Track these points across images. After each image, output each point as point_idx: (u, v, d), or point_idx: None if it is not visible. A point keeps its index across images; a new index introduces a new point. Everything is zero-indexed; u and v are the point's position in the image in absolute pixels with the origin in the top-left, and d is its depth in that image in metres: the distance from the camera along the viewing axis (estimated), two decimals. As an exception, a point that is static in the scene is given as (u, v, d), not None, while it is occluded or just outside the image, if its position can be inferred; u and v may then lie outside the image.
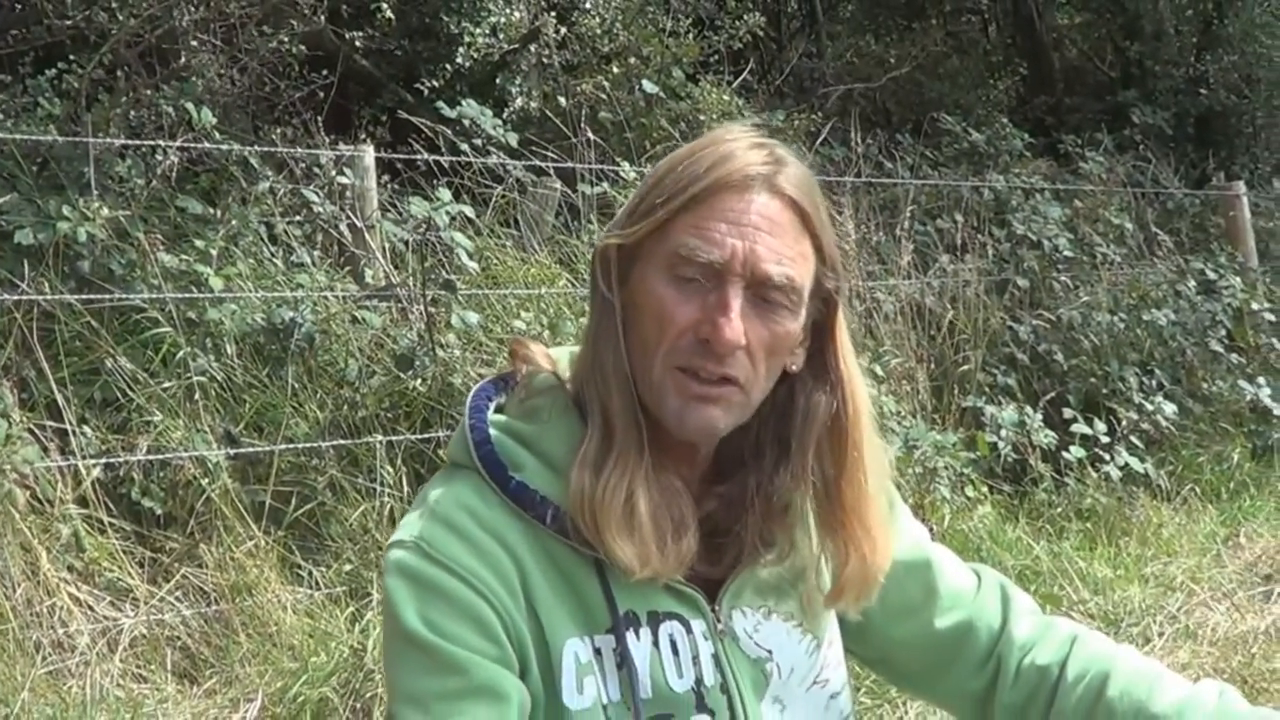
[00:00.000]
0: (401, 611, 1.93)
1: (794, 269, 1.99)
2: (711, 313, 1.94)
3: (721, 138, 2.08)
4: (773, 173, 2.03)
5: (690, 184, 2.01)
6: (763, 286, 1.97)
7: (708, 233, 1.97)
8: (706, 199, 1.99)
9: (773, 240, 1.98)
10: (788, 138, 10.51)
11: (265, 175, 7.52)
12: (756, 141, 2.08)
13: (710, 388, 1.95)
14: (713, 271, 1.96)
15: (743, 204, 1.99)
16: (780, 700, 2.13)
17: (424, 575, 1.94)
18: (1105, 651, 2.21)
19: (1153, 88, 16.00)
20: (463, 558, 1.95)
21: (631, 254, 2.05)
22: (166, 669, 5.58)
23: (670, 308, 1.97)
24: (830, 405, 2.10)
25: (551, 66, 10.68)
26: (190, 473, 6.12)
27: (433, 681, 1.89)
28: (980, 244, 9.63)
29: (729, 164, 2.01)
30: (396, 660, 1.95)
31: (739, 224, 1.97)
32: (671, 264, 1.98)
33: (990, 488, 7.77)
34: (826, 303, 2.10)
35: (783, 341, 2.01)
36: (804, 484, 2.10)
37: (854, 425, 2.10)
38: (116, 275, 6.60)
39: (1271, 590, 6.80)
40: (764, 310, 1.98)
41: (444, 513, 2.00)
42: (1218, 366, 9.67)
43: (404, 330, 6.97)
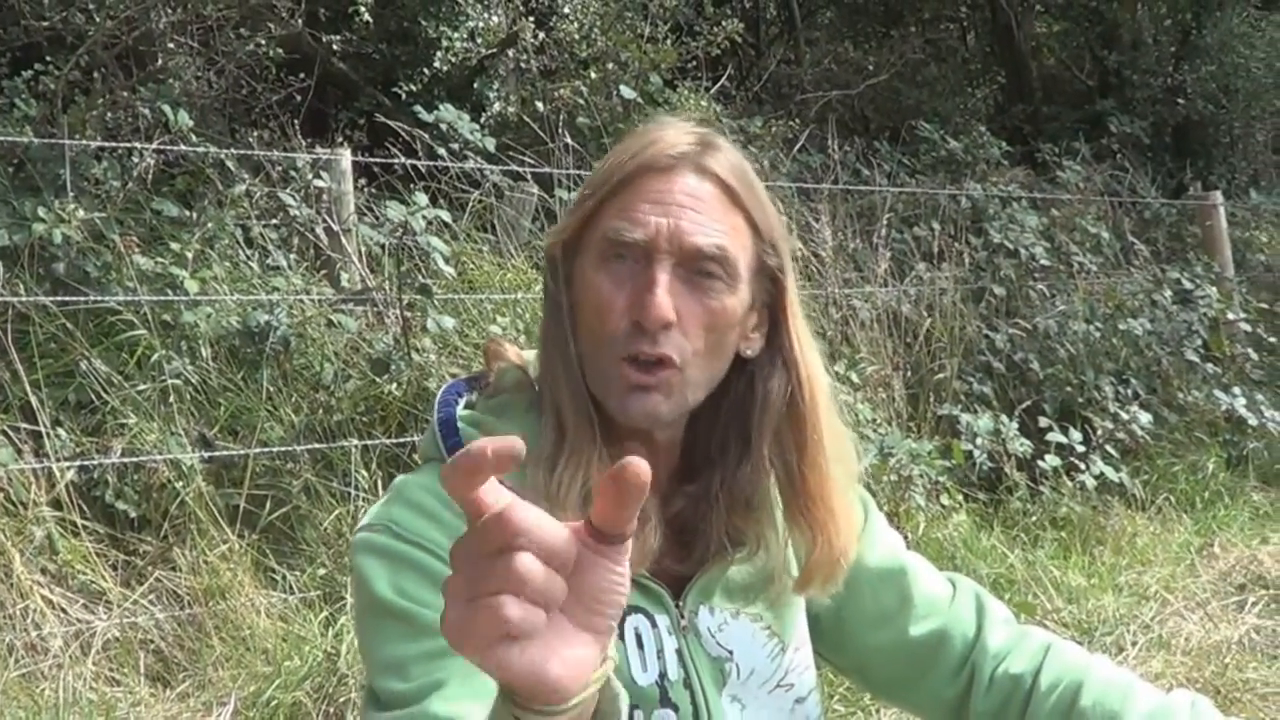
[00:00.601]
0: (374, 584, 1.93)
1: (724, 241, 2.00)
2: (640, 293, 1.95)
3: (651, 128, 2.11)
4: (699, 153, 2.04)
5: (616, 171, 2.03)
6: (693, 260, 1.98)
7: (632, 214, 1.99)
8: (631, 183, 2.02)
9: (699, 215, 1.99)
10: (765, 144, 10.53)
11: (241, 178, 7.50)
12: (686, 129, 2.09)
13: (647, 375, 1.96)
14: (641, 251, 1.97)
15: (668, 184, 2.01)
16: (739, 700, 2.13)
17: (393, 550, 1.94)
18: (1079, 661, 2.21)
19: (1130, 97, 16.06)
20: (431, 533, 1.95)
21: (573, 250, 2.07)
22: (140, 672, 5.56)
23: (605, 294, 1.98)
24: (786, 389, 2.10)
25: (529, 71, 10.69)
26: (164, 476, 6.11)
27: (410, 646, 1.88)
28: (957, 252, 9.64)
29: (654, 148, 2.04)
30: (371, 633, 1.94)
31: (663, 202, 1.99)
32: (602, 251, 2.00)
33: (965, 496, 7.78)
34: (774, 282, 2.10)
35: (720, 317, 2.00)
36: (766, 474, 2.10)
37: (811, 408, 2.10)
38: (92, 277, 6.58)
39: (1245, 600, 6.81)
40: (697, 285, 1.99)
41: (410, 496, 2.00)
42: (1193, 376, 9.69)
43: (380, 334, 6.96)
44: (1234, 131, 16.66)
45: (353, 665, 5.20)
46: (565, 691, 1.29)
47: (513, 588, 1.23)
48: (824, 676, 3.99)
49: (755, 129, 10.66)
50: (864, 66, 16.55)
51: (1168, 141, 16.10)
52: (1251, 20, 16.50)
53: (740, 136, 10.38)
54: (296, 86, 10.19)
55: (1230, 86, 15.99)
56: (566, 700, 1.31)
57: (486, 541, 1.24)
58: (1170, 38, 17.26)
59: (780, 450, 2.10)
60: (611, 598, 1.31)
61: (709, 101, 10.66)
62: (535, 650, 1.26)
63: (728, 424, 2.12)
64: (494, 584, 1.23)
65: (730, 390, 2.11)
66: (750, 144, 10.38)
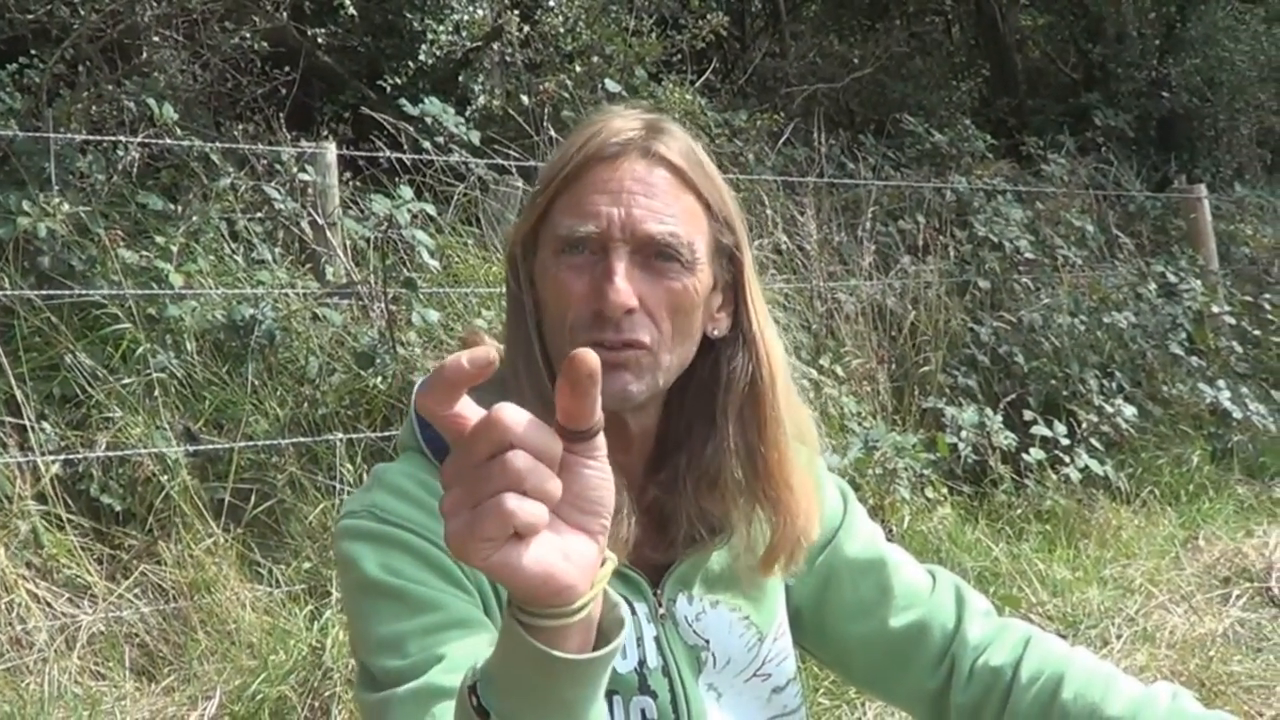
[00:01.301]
0: (362, 564, 1.93)
1: (678, 225, 2.01)
2: (599, 282, 1.96)
3: (596, 118, 2.11)
4: (644, 139, 2.05)
5: (564, 164, 2.04)
6: (648, 247, 1.98)
7: (583, 207, 1.99)
8: (580, 175, 2.02)
9: (650, 201, 2.00)
10: (750, 138, 10.54)
11: (227, 171, 7.49)
12: (632, 115, 2.10)
13: (615, 354, 1.95)
14: (596, 243, 1.98)
15: (616, 173, 2.01)
16: (715, 688, 2.15)
17: (379, 532, 1.95)
18: (1059, 653, 2.21)
19: (1115, 90, 16.08)
20: (416, 515, 1.96)
21: (531, 248, 2.08)
22: (125, 666, 5.56)
23: (565, 287, 1.98)
24: (748, 367, 2.10)
25: (514, 65, 10.68)
26: (149, 469, 6.11)
27: (405, 623, 1.88)
28: (942, 245, 9.64)
29: (599, 138, 2.04)
30: (363, 613, 1.94)
31: (613, 192, 2.00)
32: (558, 247, 2.00)
33: (950, 489, 7.78)
34: (733, 261, 2.11)
35: (683, 299, 2.01)
36: (730, 454, 2.09)
37: (770, 386, 2.11)
38: (77, 271, 6.58)
39: (1230, 593, 6.82)
40: (657, 270, 2.00)
41: (392, 481, 2.02)
42: (1178, 369, 9.69)
43: (365, 328, 6.96)
44: (1218, 125, 16.69)
45: (338, 659, 5.20)
46: (574, 590, 1.34)
47: (512, 484, 1.27)
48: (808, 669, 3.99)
49: (740, 122, 10.67)
50: (849, 59, 16.55)
51: (1152, 135, 16.12)
52: (1235, 13, 16.52)
53: (725, 130, 10.40)
54: (281, 80, 10.18)
55: (1215, 80, 16.01)
56: (576, 599, 1.36)
57: (478, 448, 1.28)
58: (1155, 31, 17.30)
59: (742, 429, 2.10)
60: (598, 494, 1.36)
61: (694, 95, 10.64)
62: (541, 550, 1.30)
63: (694, 406, 2.13)
64: (493, 485, 1.27)
65: (696, 372, 2.12)
66: (735, 137, 10.40)
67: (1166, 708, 2.06)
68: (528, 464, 1.28)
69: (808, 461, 2.20)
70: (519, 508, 1.27)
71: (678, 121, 2.16)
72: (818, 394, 7.57)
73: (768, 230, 8.79)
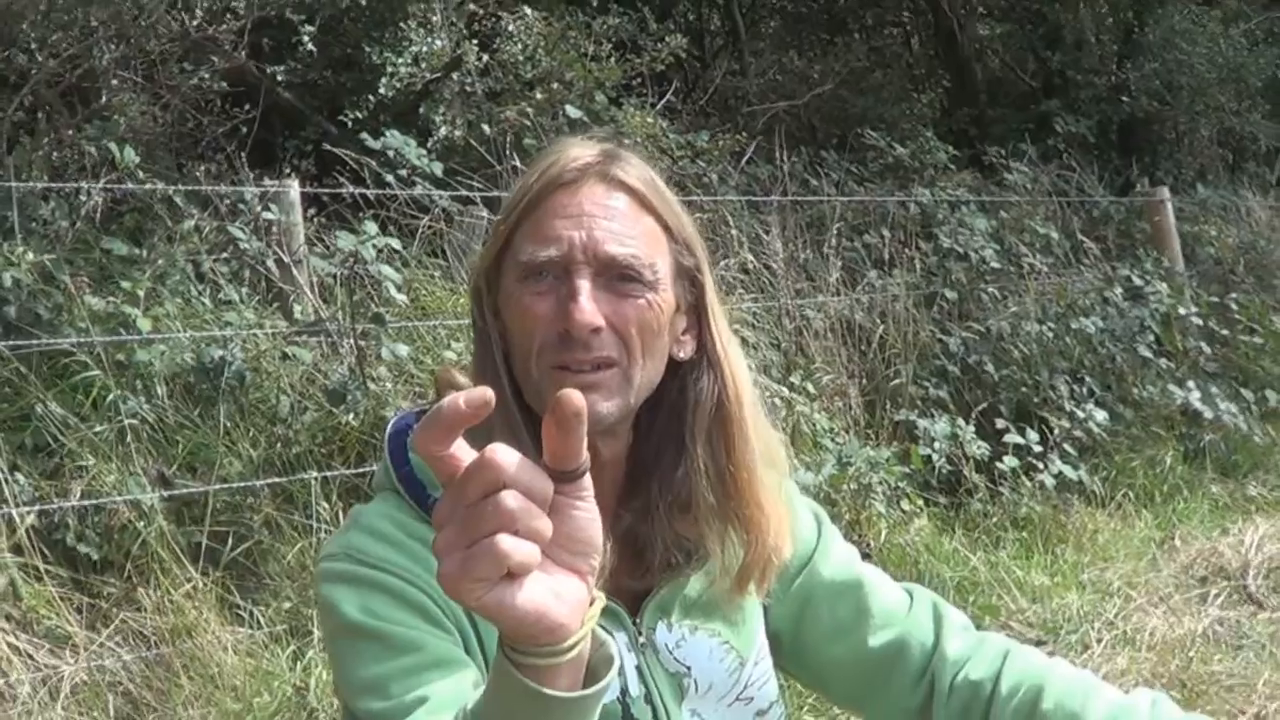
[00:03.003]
0: (342, 608, 1.94)
1: (638, 247, 2.03)
2: (564, 304, 1.97)
3: (555, 147, 2.14)
4: (603, 164, 2.08)
5: (525, 193, 2.07)
6: (611, 268, 2.01)
7: (545, 232, 2.02)
8: (540, 203, 2.05)
9: (610, 224, 2.02)
10: (713, 158, 10.55)
11: (190, 213, 7.48)
12: (590, 144, 2.13)
13: (584, 376, 1.97)
14: (559, 267, 2.00)
15: (576, 197, 2.04)
16: (699, 714, 2.16)
17: (357, 575, 1.97)
18: (1039, 664, 2.23)
19: (1075, 96, 16.12)
20: (394, 557, 1.98)
21: (495, 280, 2.10)
22: (109, 715, 5.54)
23: (529, 312, 2.00)
24: (714, 389, 2.12)
25: (474, 94, 10.69)
26: (125, 516, 6.09)
27: (386, 665, 1.89)
28: (908, 258, 9.67)
29: (557, 165, 2.07)
30: (345, 657, 1.95)
31: (573, 215, 2.02)
32: (522, 274, 2.02)
33: (926, 500, 7.80)
34: (694, 283, 2.14)
35: (649, 318, 2.02)
36: (701, 476, 2.10)
37: (737, 405, 2.13)
38: (44, 319, 6.55)
39: (1207, 592, 6.86)
40: (621, 292, 2.01)
41: (369, 523, 2.03)
42: (1147, 372, 9.72)
43: (335, 365, 6.96)
44: (1179, 127, 16.71)
45: (322, 699, 5.20)
46: (565, 629, 1.37)
47: (505, 525, 1.30)
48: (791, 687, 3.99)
49: (703, 143, 10.67)
50: (809, 76, 16.55)
51: (1113, 140, 16.16)
52: (1193, 16, 16.53)
53: (688, 151, 10.40)
54: (242, 118, 10.19)
55: (1174, 83, 16.03)
56: (567, 638, 1.39)
57: (470, 489, 1.30)
58: (1113, 36, 17.33)
59: (711, 451, 2.11)
60: (586, 535, 1.39)
61: (655, 118, 10.64)
62: (533, 589, 1.33)
63: (663, 430, 2.14)
64: (487, 526, 1.30)
65: (664, 397, 2.13)
66: (698, 158, 10.40)
67: (1146, 714, 2.07)
68: (520, 504, 1.30)
69: (777, 484, 2.20)
70: (513, 548, 1.29)
71: (639, 146, 2.19)
72: (789, 411, 7.58)
73: (733, 250, 8.81)
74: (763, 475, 2.15)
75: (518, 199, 2.08)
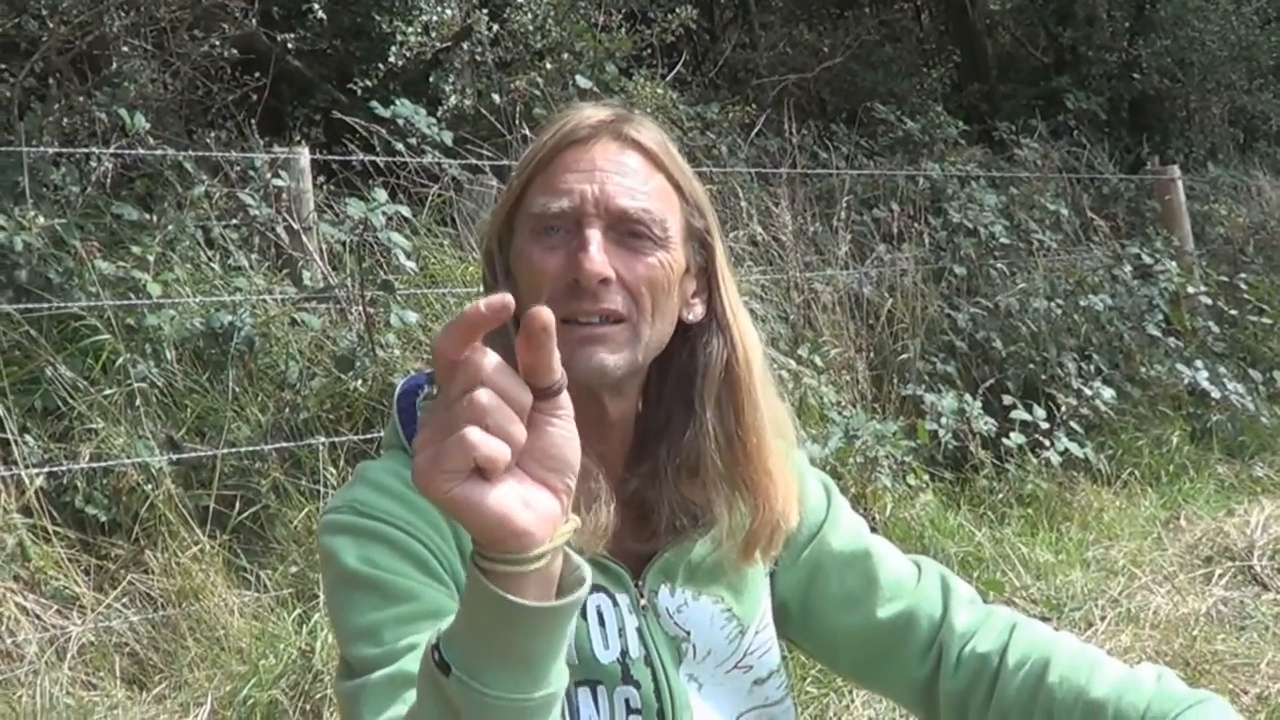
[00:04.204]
0: (342, 557, 1.96)
1: (650, 202, 2.05)
2: (574, 254, 1.98)
3: (568, 110, 2.15)
4: (615, 122, 2.09)
5: (538, 151, 2.08)
6: (622, 223, 2.02)
7: (557, 186, 2.03)
8: (553, 159, 2.07)
9: (622, 179, 2.04)
10: (723, 130, 10.55)
11: (200, 179, 7.48)
12: (603, 105, 2.15)
13: (593, 329, 1.98)
14: (570, 220, 2.01)
15: (589, 153, 2.06)
16: (696, 679, 2.17)
17: (359, 525, 1.98)
18: (1044, 638, 2.22)
19: (1086, 73, 16.10)
20: (396, 510, 1.98)
21: (507, 240, 2.11)
22: (116, 676, 5.56)
23: (539, 264, 2.01)
24: (723, 353, 2.13)
25: (485, 64, 10.68)
26: (133, 479, 6.11)
27: (382, 612, 1.90)
28: (917, 233, 9.66)
29: (571, 123, 2.09)
30: (342, 605, 1.96)
31: (586, 170, 2.04)
32: (533, 228, 2.04)
33: (931, 475, 7.79)
34: (704, 246, 2.15)
35: (659, 274, 2.04)
36: (709, 441, 2.11)
37: (746, 369, 2.14)
38: (54, 283, 6.56)
39: (1212, 572, 6.85)
40: (631, 247, 2.03)
41: (374, 478, 2.04)
42: (1155, 350, 9.70)
43: (343, 331, 6.97)
44: (1190, 105, 16.71)
45: (328, 662, 5.21)
46: (531, 536, 1.41)
47: (476, 418, 1.34)
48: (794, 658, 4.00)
49: (712, 115, 10.67)
50: (819, 49, 16.55)
51: (1124, 117, 16.15)
52: (1206, -7, 16.53)
53: (697, 123, 10.40)
54: (252, 85, 10.17)
55: (1185, 60, 16.02)
56: (533, 547, 1.42)
57: (451, 389, 1.36)
58: (1124, 13, 17.28)
59: (720, 416, 2.12)
60: (561, 452, 1.44)
61: (665, 89, 10.64)
62: (503, 493, 1.38)
63: (673, 395, 2.15)
64: (460, 420, 1.34)
65: (674, 360, 2.14)
66: (707, 130, 10.40)
67: (1152, 688, 2.06)
68: (492, 401, 1.35)
69: (785, 452, 2.21)
70: (481, 440, 1.34)
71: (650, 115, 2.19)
72: (797, 384, 7.58)
73: (743, 222, 8.80)
74: (771, 441, 2.16)
75: (531, 156, 2.09)
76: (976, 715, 2.21)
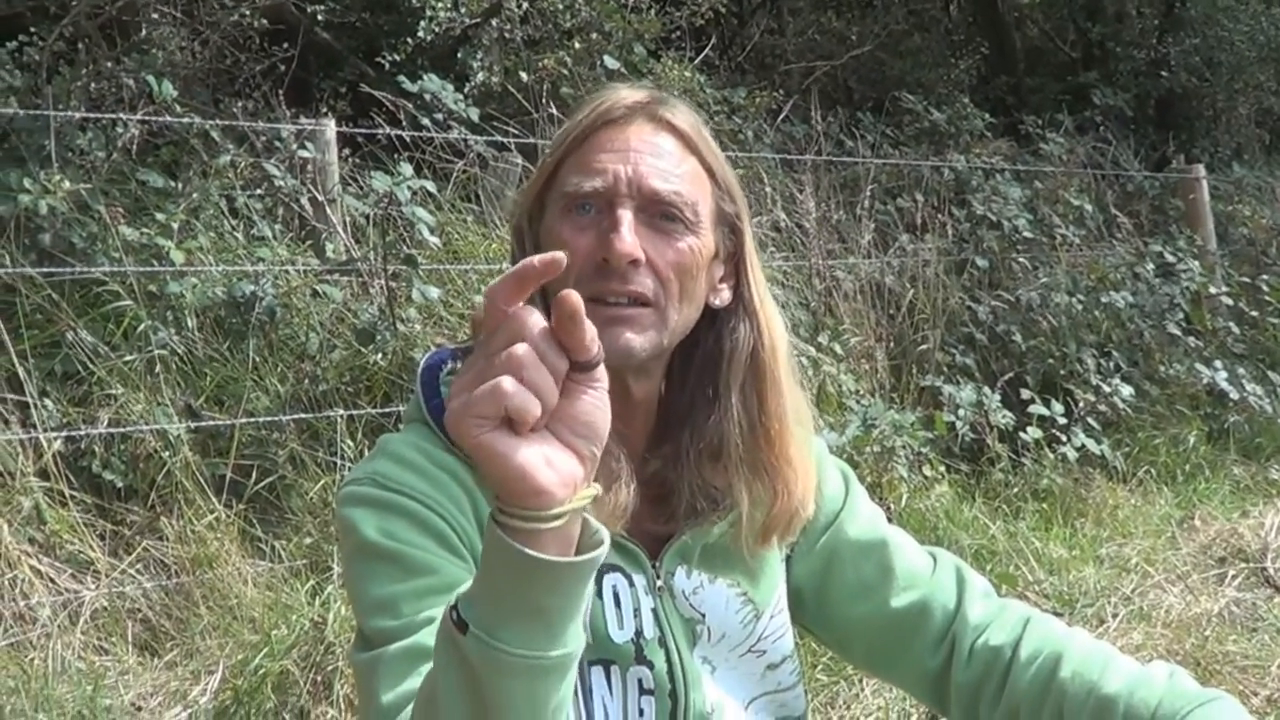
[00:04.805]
0: (361, 529, 1.96)
1: (682, 185, 2.06)
2: (605, 234, 1.99)
3: (603, 90, 2.16)
4: (651, 105, 2.11)
5: (572, 129, 2.10)
6: (654, 205, 2.03)
7: (590, 165, 2.04)
8: (587, 138, 2.08)
9: (656, 161, 2.05)
10: (749, 115, 10.53)
11: (226, 148, 7.50)
12: (638, 87, 2.16)
13: (620, 309, 1.99)
14: (603, 199, 2.02)
15: (623, 134, 2.07)
16: (710, 661, 2.18)
17: (379, 498, 1.98)
18: (1058, 633, 2.23)
19: (1114, 69, 16.04)
20: (417, 483, 1.99)
21: (537, 217, 2.12)
22: (127, 641, 5.58)
23: (569, 242, 2.01)
24: (750, 338, 2.14)
25: (513, 41, 10.66)
26: (151, 446, 6.13)
27: (400, 585, 1.91)
28: (940, 224, 9.65)
29: (606, 103, 2.10)
30: (360, 576, 1.97)
31: (620, 150, 2.05)
32: (565, 205, 2.05)
33: (948, 467, 7.79)
34: (734, 231, 2.16)
35: (688, 259, 2.04)
36: (733, 425, 2.13)
37: (772, 356, 2.16)
38: (77, 248, 6.58)
39: (1225, 573, 6.84)
40: (662, 230, 2.04)
41: (395, 451, 2.05)
42: (1175, 349, 9.69)
43: (365, 304, 6.97)
44: (1217, 105, 16.65)
45: (340, 634, 5.22)
46: (551, 496, 1.45)
47: (512, 370, 1.40)
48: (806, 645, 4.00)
49: (739, 100, 10.66)
50: (847, 37, 16.48)
51: (1151, 114, 16.09)
52: (1236, -8, 16.47)
53: (724, 107, 10.39)
54: (280, 56, 10.17)
55: (1214, 60, 15.96)
56: (551, 506, 1.46)
57: (495, 341, 1.42)
58: (1154, 10, 17.23)
59: (744, 401, 2.14)
60: (591, 419, 1.49)
61: (692, 72, 10.62)
62: (529, 450, 1.43)
63: (698, 378, 2.16)
64: (495, 370, 1.40)
65: (700, 344, 2.15)
66: (734, 114, 10.39)
67: (1164, 686, 2.07)
68: (530, 358, 1.40)
69: (805, 440, 2.22)
70: (514, 391, 1.39)
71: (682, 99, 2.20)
72: (816, 371, 7.58)
73: (766, 208, 8.80)
74: (793, 428, 2.17)
75: (565, 135, 2.10)
76: (987, 708, 2.22)
